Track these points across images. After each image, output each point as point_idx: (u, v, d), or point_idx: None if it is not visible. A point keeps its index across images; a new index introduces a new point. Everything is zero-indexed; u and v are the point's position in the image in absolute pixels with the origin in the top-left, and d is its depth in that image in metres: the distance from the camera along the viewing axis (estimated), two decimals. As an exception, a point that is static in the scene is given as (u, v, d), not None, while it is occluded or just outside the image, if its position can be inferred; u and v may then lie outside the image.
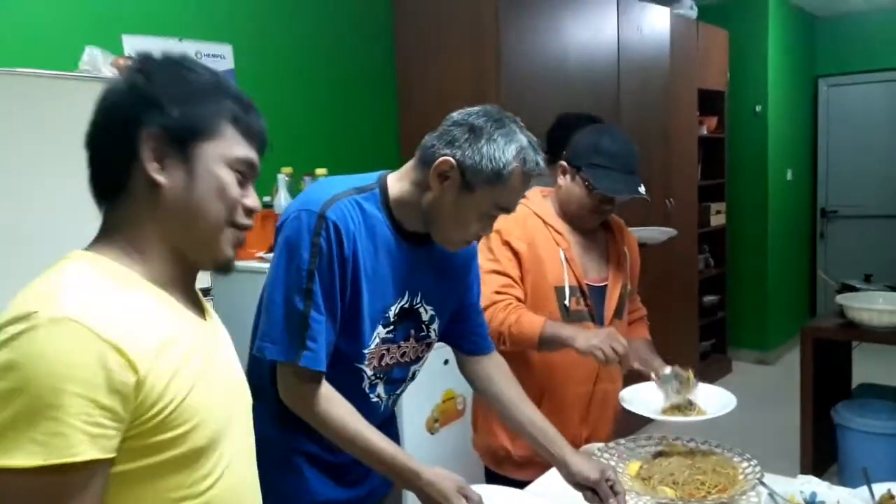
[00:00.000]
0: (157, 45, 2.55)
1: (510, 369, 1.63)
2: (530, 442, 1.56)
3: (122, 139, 0.86)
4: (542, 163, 1.33)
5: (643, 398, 1.81)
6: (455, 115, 1.33)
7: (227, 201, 0.91)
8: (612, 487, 1.45)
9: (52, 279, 0.81)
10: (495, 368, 1.59)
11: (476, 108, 1.33)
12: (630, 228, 2.28)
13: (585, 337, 1.65)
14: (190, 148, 0.88)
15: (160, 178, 0.87)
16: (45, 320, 0.74)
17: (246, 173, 0.93)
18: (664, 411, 1.76)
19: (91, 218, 0.91)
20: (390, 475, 1.35)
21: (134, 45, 2.48)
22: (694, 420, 1.71)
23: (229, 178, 0.91)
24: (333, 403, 1.31)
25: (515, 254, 1.77)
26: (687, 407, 1.76)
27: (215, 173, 0.90)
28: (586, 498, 1.47)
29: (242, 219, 0.94)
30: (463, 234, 1.34)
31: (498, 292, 1.73)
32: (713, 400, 1.79)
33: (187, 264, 0.93)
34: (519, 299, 1.76)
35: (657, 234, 3.47)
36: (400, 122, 3.53)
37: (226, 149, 0.91)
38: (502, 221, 1.62)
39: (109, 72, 2.10)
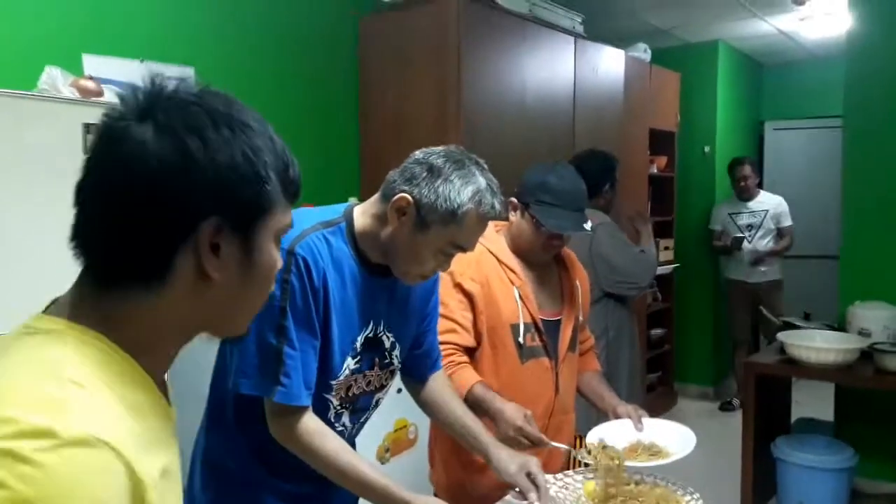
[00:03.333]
0: (119, 66, 2.55)
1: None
2: (459, 439, 1.60)
3: (171, 225, 0.69)
4: (498, 206, 1.35)
5: (606, 438, 1.80)
6: (418, 153, 1.37)
7: (273, 280, 0.79)
8: (533, 481, 1.48)
9: (49, 373, 0.63)
10: (436, 381, 1.63)
11: (439, 148, 1.36)
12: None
13: (506, 421, 1.64)
14: (250, 232, 0.74)
15: (216, 274, 0.72)
16: (68, 439, 0.59)
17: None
18: (627, 453, 1.77)
19: (47, 240, 0.82)
20: None
21: (95, 65, 2.46)
22: (658, 464, 1.71)
23: (277, 254, 0.78)
24: (323, 437, 1.32)
25: (468, 295, 1.78)
26: (650, 448, 1.78)
27: (270, 255, 0.76)
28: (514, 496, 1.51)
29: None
30: (419, 269, 1.37)
31: (441, 342, 1.70)
32: (671, 437, 1.80)
33: (172, 352, 0.78)
34: (460, 345, 1.76)
35: (666, 269, 3.74)
36: (361, 154, 3.56)
37: (277, 221, 0.77)
38: (456, 262, 1.66)
39: (69, 92, 2.08)
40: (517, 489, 1.51)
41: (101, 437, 0.60)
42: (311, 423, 1.32)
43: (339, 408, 1.43)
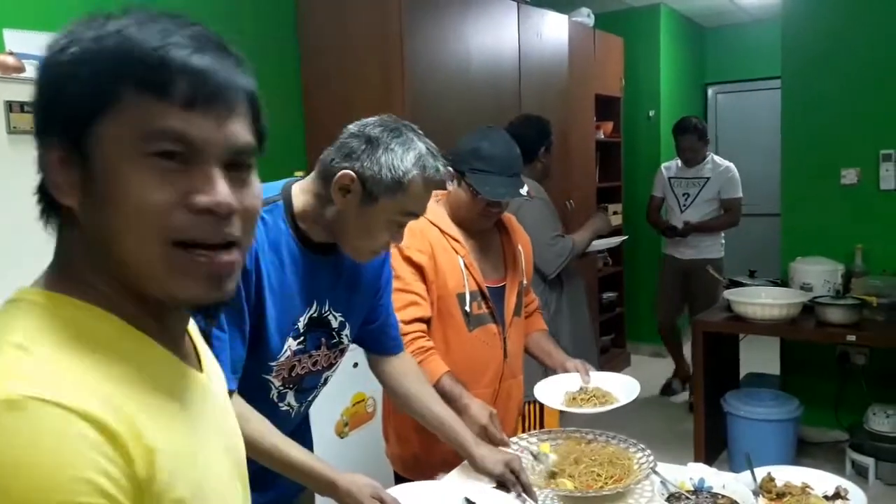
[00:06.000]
0: (42, 41, 2.42)
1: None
2: (441, 437, 1.61)
3: (40, 155, 0.64)
4: (442, 168, 1.34)
5: (555, 390, 1.87)
6: (352, 126, 1.34)
7: (147, 209, 0.61)
8: (517, 477, 1.51)
9: None
10: (405, 368, 1.62)
11: (372, 119, 1.34)
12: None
13: (471, 417, 1.66)
14: (83, 139, 0.61)
15: (66, 200, 0.63)
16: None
17: (183, 153, 0.61)
18: (574, 399, 1.82)
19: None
20: (309, 485, 1.37)
21: (16, 40, 2.34)
22: (603, 410, 1.77)
23: (140, 173, 0.60)
24: (247, 420, 1.29)
25: (418, 267, 1.77)
26: (596, 394, 1.83)
27: (116, 169, 0.60)
28: (498, 486, 1.54)
29: (189, 230, 0.62)
30: (372, 243, 1.34)
31: (405, 321, 1.70)
32: (616, 385, 1.87)
33: (158, 302, 0.66)
34: (423, 319, 1.77)
35: (613, 241, 3.78)
36: (306, 124, 3.49)
37: (135, 124, 0.60)
38: None
39: (-11, 69, 1.98)
40: (496, 483, 1.55)
41: (46, 397, 0.53)
42: (236, 407, 1.29)
43: (281, 388, 1.40)
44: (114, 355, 0.61)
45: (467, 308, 1.81)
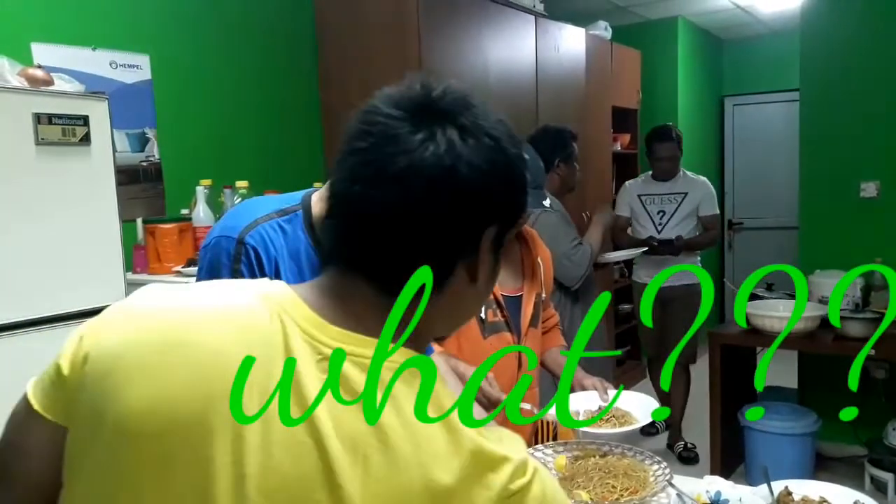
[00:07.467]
0: (69, 54, 2.48)
1: None
2: None
3: (467, 232, 0.70)
4: None
5: (573, 409, 1.86)
6: None
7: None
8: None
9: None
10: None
11: None
12: (608, 253, 2.45)
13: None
14: (506, 238, 0.76)
15: (482, 277, 0.74)
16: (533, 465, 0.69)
17: None
18: (591, 418, 1.82)
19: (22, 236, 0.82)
20: None
21: (44, 53, 2.39)
22: (623, 431, 1.75)
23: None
24: None
25: None
26: (616, 414, 1.82)
27: (489, 267, 0.76)
28: None
29: None
30: None
31: None
32: (634, 404, 1.86)
33: None
34: None
35: (633, 253, 3.73)
36: (324, 138, 3.53)
37: (500, 241, 0.77)
38: None
39: (17, 81, 2.02)
40: None
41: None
42: None
43: None
44: None
45: (482, 315, 1.83)
